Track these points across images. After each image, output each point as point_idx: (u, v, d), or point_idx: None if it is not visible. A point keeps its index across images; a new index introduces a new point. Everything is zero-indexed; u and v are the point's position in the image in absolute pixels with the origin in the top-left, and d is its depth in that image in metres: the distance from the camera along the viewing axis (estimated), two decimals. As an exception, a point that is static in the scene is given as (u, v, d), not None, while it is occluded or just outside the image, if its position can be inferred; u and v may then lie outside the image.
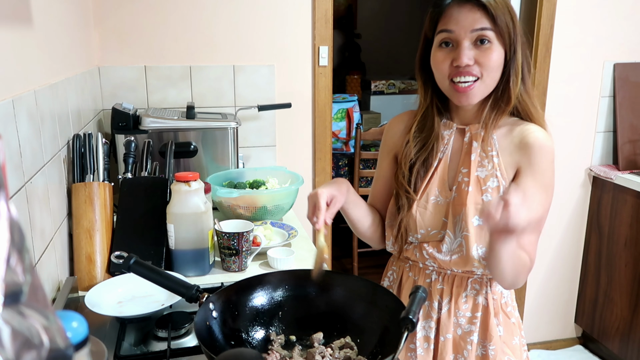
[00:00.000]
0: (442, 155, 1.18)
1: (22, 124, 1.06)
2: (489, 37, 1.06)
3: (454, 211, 1.14)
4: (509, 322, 1.22)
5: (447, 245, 1.15)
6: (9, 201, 0.38)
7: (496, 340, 1.18)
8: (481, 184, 1.13)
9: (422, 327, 1.22)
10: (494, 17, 1.05)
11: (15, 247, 0.37)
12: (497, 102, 1.13)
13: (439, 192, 1.17)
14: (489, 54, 1.06)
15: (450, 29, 1.07)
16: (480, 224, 1.11)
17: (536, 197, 1.10)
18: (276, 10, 2.18)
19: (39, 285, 0.40)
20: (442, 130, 1.19)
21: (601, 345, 2.76)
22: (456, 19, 1.06)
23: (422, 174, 1.19)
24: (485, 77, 1.08)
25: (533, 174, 1.11)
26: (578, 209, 2.73)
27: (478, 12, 1.05)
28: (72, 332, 0.53)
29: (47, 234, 1.20)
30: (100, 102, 2.06)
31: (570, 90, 2.54)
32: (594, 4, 2.47)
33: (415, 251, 1.21)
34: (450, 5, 1.08)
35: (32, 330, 0.37)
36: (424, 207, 1.17)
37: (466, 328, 1.20)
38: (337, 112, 3.63)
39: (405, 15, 5.10)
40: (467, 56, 1.06)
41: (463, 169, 1.15)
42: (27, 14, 1.18)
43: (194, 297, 1.00)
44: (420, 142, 1.19)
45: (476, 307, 1.19)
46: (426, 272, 1.22)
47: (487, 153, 1.14)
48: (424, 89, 1.19)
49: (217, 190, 1.69)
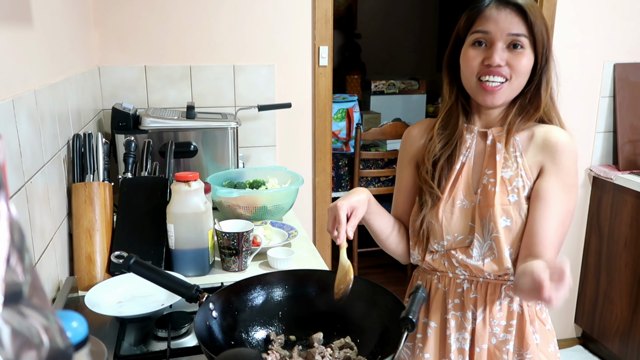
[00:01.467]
0: (465, 159, 1.17)
1: (22, 124, 1.06)
2: (523, 43, 1.07)
3: (481, 214, 1.13)
4: (544, 329, 1.19)
5: (477, 249, 1.13)
6: (9, 201, 0.38)
7: (533, 349, 1.15)
8: (507, 185, 1.12)
9: (455, 339, 1.19)
10: (531, 25, 1.06)
11: (15, 247, 0.37)
12: (524, 108, 1.14)
13: (464, 196, 1.16)
14: (520, 58, 1.07)
15: (487, 29, 1.08)
16: (509, 225, 1.10)
17: (560, 197, 1.09)
18: (276, 10, 2.18)
19: (39, 285, 0.40)
20: (465, 134, 1.18)
21: (601, 346, 2.76)
22: (495, 20, 1.07)
23: (446, 171, 1.17)
24: (513, 80, 1.09)
25: (557, 174, 1.10)
26: (578, 209, 2.73)
27: (516, 17, 1.06)
28: (72, 332, 0.53)
29: (47, 234, 1.20)
30: (100, 102, 2.06)
31: (570, 91, 2.54)
32: (594, 4, 2.47)
33: (443, 260, 1.18)
34: (489, 7, 1.09)
35: (32, 330, 0.37)
36: (450, 212, 1.15)
37: (501, 337, 1.17)
38: (337, 112, 3.63)
39: (406, 15, 5.10)
40: (499, 56, 1.07)
41: (488, 170, 1.14)
42: (27, 14, 1.18)
43: (194, 297, 1.00)
44: (445, 139, 1.19)
45: (511, 315, 1.16)
46: (457, 282, 1.19)
47: (510, 154, 1.14)
48: (450, 87, 1.19)
49: (217, 190, 1.69)
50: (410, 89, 4.40)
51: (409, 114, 4.33)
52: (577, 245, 2.79)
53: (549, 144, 1.11)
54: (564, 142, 1.11)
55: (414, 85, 4.40)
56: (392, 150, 3.30)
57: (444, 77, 1.19)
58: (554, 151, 1.11)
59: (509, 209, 1.11)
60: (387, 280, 3.56)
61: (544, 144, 1.12)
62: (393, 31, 5.12)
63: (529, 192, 1.12)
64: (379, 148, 3.49)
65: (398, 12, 5.09)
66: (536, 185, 1.11)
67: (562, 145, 1.11)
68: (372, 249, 3.50)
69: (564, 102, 2.58)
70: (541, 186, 1.10)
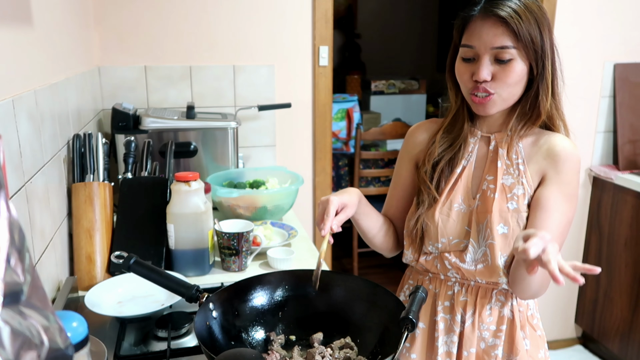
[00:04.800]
0: (467, 163, 1.17)
1: (22, 124, 1.06)
2: (511, 54, 1.04)
3: (478, 219, 1.12)
4: (535, 335, 1.18)
5: (470, 255, 1.13)
6: (9, 201, 0.38)
7: (522, 354, 1.14)
8: (506, 192, 1.11)
9: (444, 342, 1.18)
10: (516, 34, 1.02)
11: (15, 247, 0.37)
12: (524, 115, 1.12)
13: (462, 200, 1.15)
14: (507, 71, 1.05)
15: (471, 44, 1.06)
16: (505, 232, 1.10)
17: (561, 207, 1.08)
18: (276, 10, 2.18)
19: (39, 285, 0.40)
20: (468, 137, 1.17)
21: (601, 345, 2.76)
22: (478, 34, 1.05)
23: (446, 173, 1.17)
24: (502, 91, 1.07)
25: (559, 183, 1.09)
26: (578, 209, 2.73)
27: (500, 28, 1.03)
28: (72, 332, 0.53)
29: (47, 234, 1.20)
30: (100, 102, 2.06)
31: (571, 90, 2.53)
32: (594, 4, 2.47)
33: (436, 262, 1.18)
34: (474, 19, 1.06)
35: (32, 330, 0.37)
36: (447, 215, 1.15)
37: (490, 342, 1.16)
38: (337, 112, 3.63)
39: (406, 15, 5.10)
40: (484, 72, 1.05)
41: (488, 176, 1.14)
42: (27, 14, 1.18)
43: (194, 297, 1.00)
44: (448, 142, 1.18)
45: (501, 320, 1.15)
46: (448, 284, 1.19)
47: (512, 161, 1.13)
48: (455, 92, 1.18)
49: (217, 190, 1.69)
50: (410, 89, 4.40)
51: (409, 114, 4.33)
52: (577, 245, 2.79)
53: (552, 153, 1.10)
54: (568, 152, 1.10)
55: (414, 85, 4.40)
56: (392, 150, 3.30)
57: (448, 82, 1.18)
58: (558, 160, 1.09)
59: (507, 216, 1.10)
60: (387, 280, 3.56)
61: (547, 152, 1.11)
62: (393, 31, 5.12)
63: (529, 200, 1.11)
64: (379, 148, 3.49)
65: (398, 12, 5.09)
66: (537, 193, 1.10)
67: (566, 155, 1.09)
68: (372, 249, 3.50)
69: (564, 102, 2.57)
70: (542, 195, 1.09)
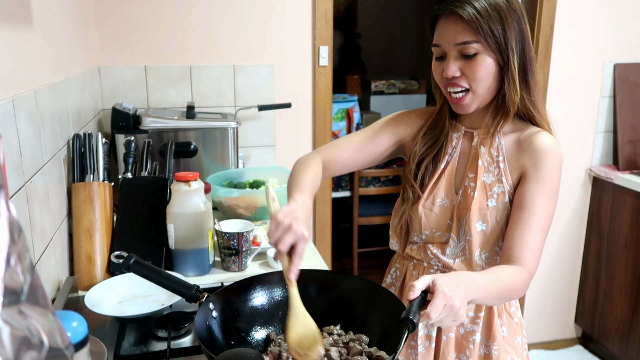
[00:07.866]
0: (450, 159, 1.19)
1: (22, 124, 1.06)
2: (475, 49, 1.05)
3: (459, 215, 1.15)
4: (512, 322, 1.22)
5: (450, 248, 1.17)
6: (9, 201, 0.38)
7: (499, 341, 1.18)
8: (487, 190, 1.14)
9: (423, 326, 1.21)
10: (476, 29, 1.04)
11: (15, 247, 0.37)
12: (498, 110, 1.13)
13: (445, 195, 1.18)
14: (474, 66, 1.06)
15: (438, 43, 1.10)
16: (484, 229, 1.12)
17: (541, 203, 1.09)
18: (276, 10, 2.18)
19: (39, 285, 0.40)
20: (451, 133, 1.20)
21: (601, 346, 2.76)
22: (442, 33, 1.09)
23: (430, 170, 1.20)
24: (474, 88, 1.09)
25: (537, 180, 1.09)
26: (578, 210, 2.73)
27: (461, 25, 1.05)
28: (72, 332, 0.53)
29: (47, 233, 1.20)
30: (100, 102, 2.06)
31: (570, 90, 2.54)
32: (594, 4, 2.47)
33: (420, 251, 1.22)
34: (440, 18, 1.10)
35: (32, 330, 0.37)
36: (430, 209, 1.18)
37: (469, 328, 1.20)
38: (337, 112, 3.63)
39: (405, 15, 5.10)
40: (452, 69, 1.08)
41: (470, 173, 1.16)
42: (27, 14, 1.18)
43: (194, 297, 1.00)
44: (432, 140, 1.21)
45: (479, 307, 1.19)
46: (430, 271, 1.22)
47: (493, 158, 1.15)
48: (439, 90, 1.20)
49: (217, 190, 1.69)
50: (410, 89, 4.40)
51: (409, 114, 4.32)
52: (577, 245, 2.79)
53: (532, 149, 1.11)
54: (548, 148, 1.10)
55: (414, 85, 4.39)
56: (392, 150, 3.29)
57: (432, 80, 1.21)
58: (537, 156, 1.10)
59: (486, 214, 1.12)
60: (387, 280, 3.56)
61: (528, 149, 1.12)
62: (393, 31, 5.12)
63: (510, 198, 1.12)
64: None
65: (398, 12, 5.09)
66: (518, 191, 1.11)
67: (546, 151, 1.10)
68: (372, 249, 3.50)
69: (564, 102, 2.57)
70: (522, 192, 1.10)
